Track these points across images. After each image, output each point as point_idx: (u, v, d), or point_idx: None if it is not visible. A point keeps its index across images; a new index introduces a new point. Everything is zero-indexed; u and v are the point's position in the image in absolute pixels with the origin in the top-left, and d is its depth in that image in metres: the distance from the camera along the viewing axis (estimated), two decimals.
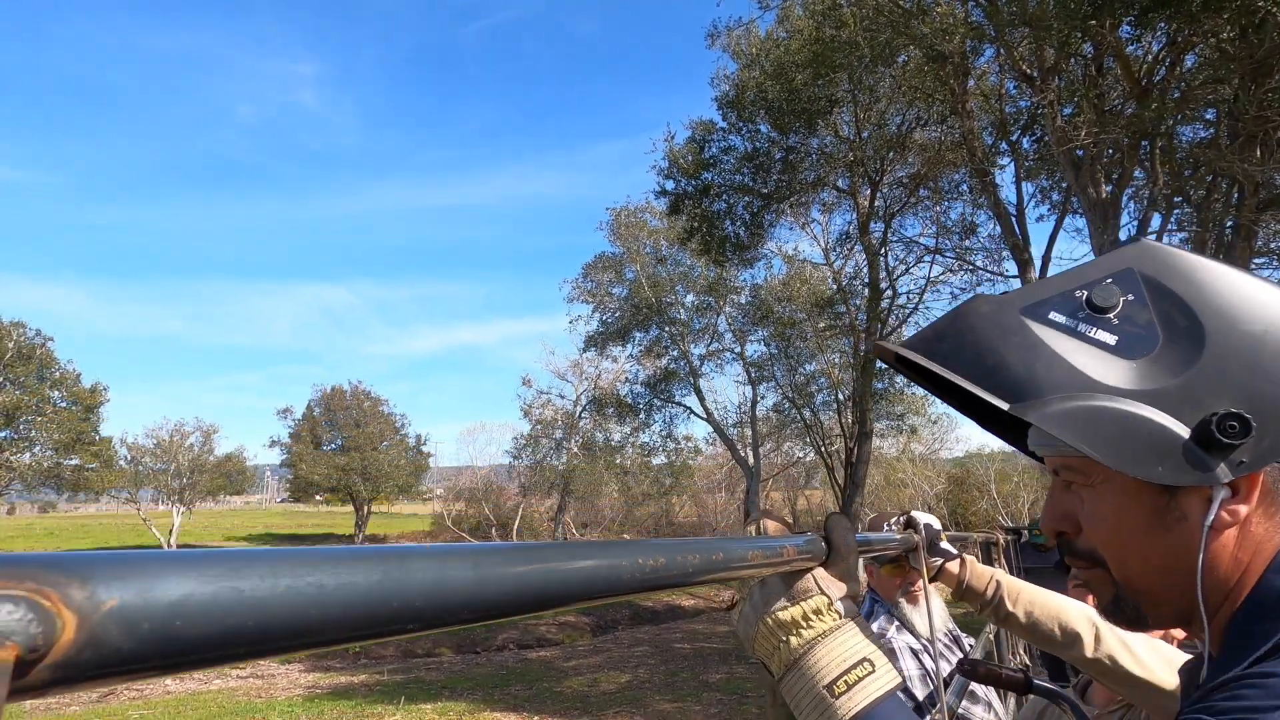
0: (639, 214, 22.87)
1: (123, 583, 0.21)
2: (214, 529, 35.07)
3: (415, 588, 0.28)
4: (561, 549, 0.38)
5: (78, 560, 0.21)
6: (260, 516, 47.86)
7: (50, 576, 0.19)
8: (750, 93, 13.44)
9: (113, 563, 0.21)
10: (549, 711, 7.01)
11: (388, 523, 38.77)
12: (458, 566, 0.30)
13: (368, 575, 0.26)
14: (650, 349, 23.04)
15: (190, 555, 0.23)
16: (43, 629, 0.18)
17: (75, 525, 37.11)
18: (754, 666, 8.91)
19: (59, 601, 0.19)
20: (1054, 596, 1.17)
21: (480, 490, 33.53)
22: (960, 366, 0.63)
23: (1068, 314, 0.61)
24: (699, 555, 0.50)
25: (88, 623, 0.19)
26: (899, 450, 27.61)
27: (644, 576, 0.43)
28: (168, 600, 0.21)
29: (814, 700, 0.64)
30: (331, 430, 31.62)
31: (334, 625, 0.25)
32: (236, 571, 0.23)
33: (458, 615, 0.30)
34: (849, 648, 0.65)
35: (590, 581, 0.38)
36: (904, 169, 14.97)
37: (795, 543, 0.73)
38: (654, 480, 27.09)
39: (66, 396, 23.81)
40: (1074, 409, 0.57)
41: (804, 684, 0.65)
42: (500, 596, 0.32)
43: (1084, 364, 0.58)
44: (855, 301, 17.31)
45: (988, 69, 11.58)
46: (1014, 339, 0.61)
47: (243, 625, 0.23)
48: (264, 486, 67.46)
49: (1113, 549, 0.61)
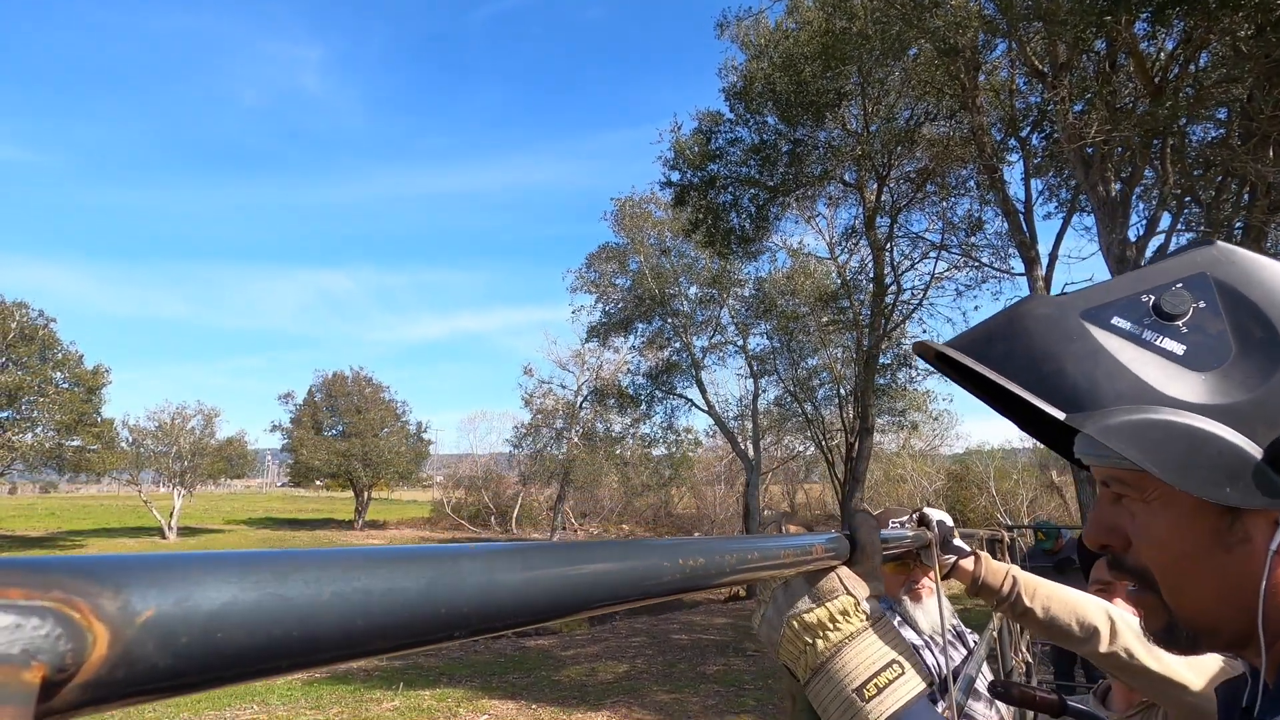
0: (644, 205, 22.78)
1: (159, 590, 0.19)
2: (214, 512, 35.20)
3: (464, 593, 0.26)
4: (606, 549, 0.36)
5: (109, 565, 0.19)
6: (260, 500, 48.04)
7: (80, 584, 0.17)
8: (758, 84, 13.35)
9: (147, 567, 0.19)
10: (547, 700, 7.04)
11: (387, 509, 38.90)
12: (506, 568, 0.28)
13: (416, 580, 0.24)
14: (652, 340, 23.01)
15: (228, 558, 0.21)
16: (72, 645, 0.16)
17: (76, 506, 37.26)
18: (751, 658, 8.94)
19: (90, 613, 0.17)
20: (1070, 591, 1.16)
21: (480, 478, 33.63)
22: (1014, 372, 0.59)
23: (1133, 320, 0.57)
24: (735, 554, 0.49)
25: (121, 637, 0.18)
26: (899, 446, 27.62)
27: (684, 577, 0.41)
28: (208, 609, 0.19)
29: (843, 704, 0.62)
30: (332, 416, 31.67)
31: (381, 634, 0.23)
32: (281, 576, 0.21)
33: (506, 620, 0.28)
34: (878, 650, 0.64)
35: (635, 582, 0.36)
36: (911, 164, 14.88)
37: (821, 541, 0.71)
38: (654, 471, 27.13)
39: (69, 378, 23.84)
40: (1138, 422, 0.53)
41: (833, 688, 0.64)
42: (548, 599, 0.30)
43: (1149, 375, 0.55)
44: (859, 296, 17.26)
45: (998, 64, 11.49)
46: (1074, 345, 0.57)
47: (288, 636, 0.21)
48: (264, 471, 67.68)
49: (1168, 570, 0.57)
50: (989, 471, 28.45)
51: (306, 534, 28.23)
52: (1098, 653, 1.06)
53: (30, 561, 0.17)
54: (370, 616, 0.23)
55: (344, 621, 0.22)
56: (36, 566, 0.17)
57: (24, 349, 22.51)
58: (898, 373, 18.00)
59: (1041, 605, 1.14)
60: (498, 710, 6.73)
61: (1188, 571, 0.56)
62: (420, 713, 6.67)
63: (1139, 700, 1.31)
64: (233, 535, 27.09)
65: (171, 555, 0.20)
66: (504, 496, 32.47)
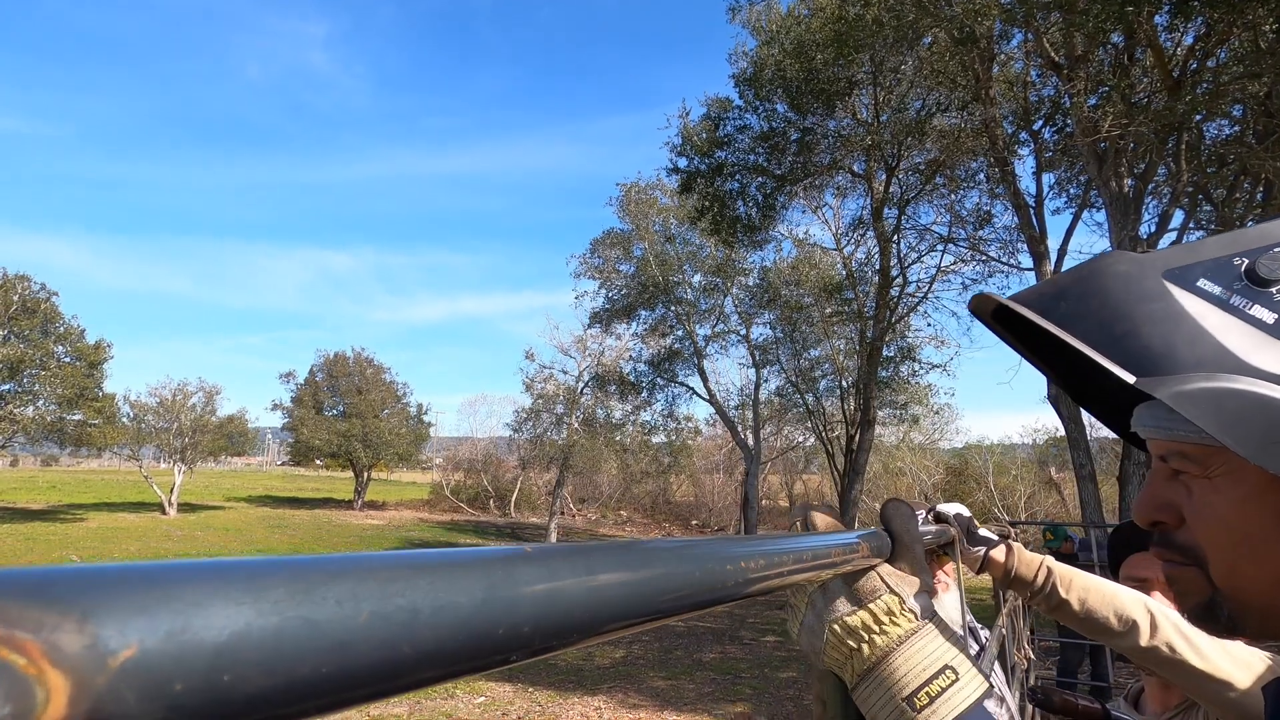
0: (649, 191, 22.64)
1: (146, 618, 0.13)
2: (214, 489, 35.34)
3: (523, 607, 0.21)
4: (667, 550, 0.31)
5: (70, 583, 0.13)
6: (260, 479, 48.21)
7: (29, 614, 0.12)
8: (769, 71, 13.19)
9: (126, 585, 0.13)
10: (543, 684, 7.06)
11: (387, 489, 39.04)
12: (569, 574, 0.23)
13: (470, 594, 0.19)
14: (655, 328, 22.96)
15: (235, 569, 0.16)
16: (11, 708, 0.11)
17: (77, 480, 37.41)
18: (747, 647, 8.96)
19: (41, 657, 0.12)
20: (1106, 583, 1.11)
21: (479, 461, 33.70)
22: (1083, 330, 0.55)
23: (1222, 284, 0.52)
24: (791, 554, 0.44)
25: (88, 689, 0.12)
26: (899, 439, 27.63)
27: (745, 581, 0.36)
28: (213, 643, 0.14)
29: (894, 713, 0.59)
30: (333, 396, 31.69)
31: (430, 663, 0.18)
32: (305, 593, 0.16)
33: (568, 639, 0.23)
34: (929, 654, 0.60)
35: (701, 588, 0.31)
36: (921, 155, 14.74)
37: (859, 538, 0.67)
38: (653, 459, 27.17)
39: (70, 352, 23.83)
40: (1216, 391, 0.49)
41: (881, 695, 0.60)
42: (612, 611, 0.25)
43: (1234, 342, 0.50)
44: (864, 288, 17.17)
45: (1014, 55, 11.34)
46: (1153, 305, 0.53)
47: (316, 674, 0.16)
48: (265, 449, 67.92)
49: (1223, 549, 0.54)
50: (988, 466, 28.49)
51: (306, 513, 28.34)
52: (1138, 647, 1.02)
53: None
54: (418, 643, 0.18)
55: (386, 649, 0.17)
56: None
57: (26, 322, 22.50)
58: (900, 366, 17.96)
59: (1078, 597, 1.09)
60: (495, 692, 6.75)
61: (1248, 553, 0.53)
62: (416, 693, 6.70)
63: (1175, 703, 1.27)
64: (233, 512, 27.20)
65: (158, 566, 0.15)
66: (503, 480, 32.56)
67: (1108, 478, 17.35)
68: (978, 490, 27.74)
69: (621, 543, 0.28)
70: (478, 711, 6.14)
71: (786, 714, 6.11)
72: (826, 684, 0.74)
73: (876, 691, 0.60)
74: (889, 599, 0.62)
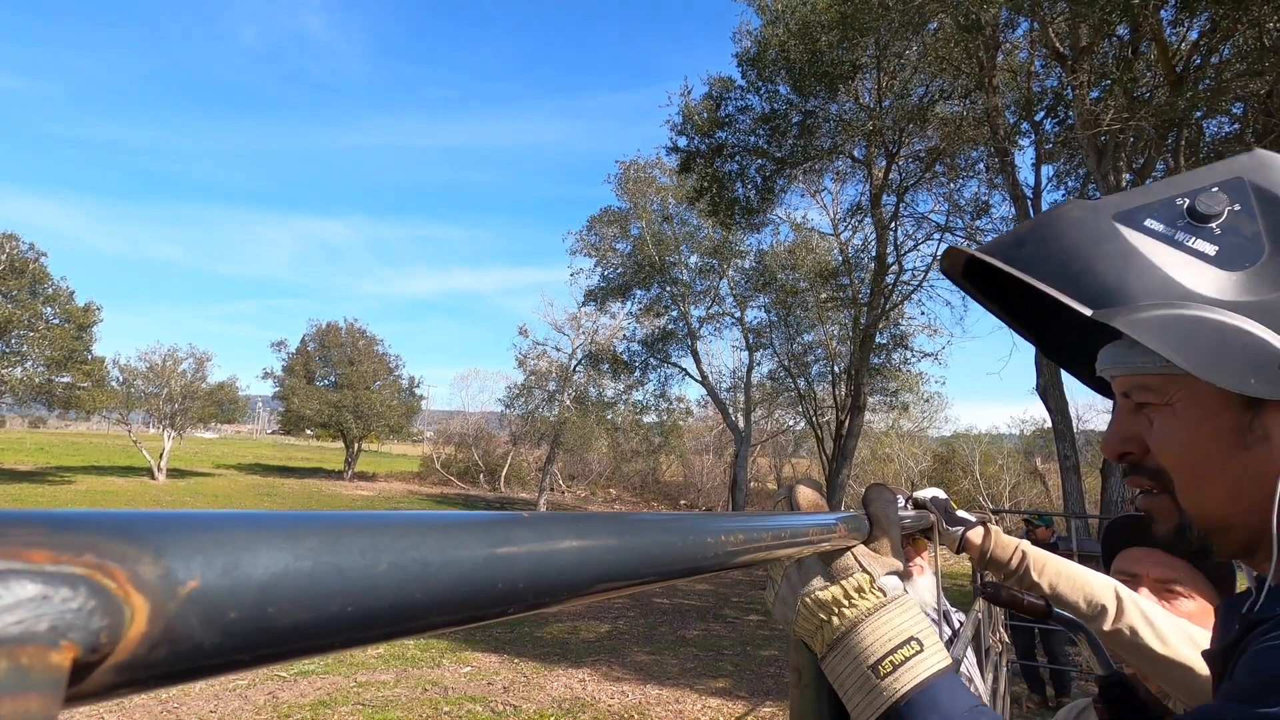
0: (648, 169, 22.48)
1: (204, 557, 0.16)
2: (204, 456, 35.31)
3: (519, 565, 0.24)
4: (655, 522, 0.33)
5: (146, 524, 0.15)
6: (251, 447, 48.17)
7: (115, 547, 0.14)
8: (772, 51, 13.06)
9: (188, 528, 0.16)
10: (529, 656, 7.17)
11: (377, 461, 39.12)
12: (561, 538, 0.26)
13: (473, 551, 0.22)
14: (650, 308, 22.93)
15: (272, 520, 0.18)
16: (108, 621, 0.14)
17: (65, 442, 37.28)
18: (730, 624, 9.11)
19: (127, 583, 0.14)
20: (1079, 569, 1.15)
21: (471, 436, 33.78)
22: (1042, 271, 0.60)
23: (1166, 222, 0.58)
24: (770, 532, 0.47)
25: (163, 611, 0.15)
26: (888, 426, 27.84)
27: (726, 554, 0.39)
28: (259, 580, 0.17)
29: (858, 680, 0.61)
30: (325, 366, 31.59)
31: (439, 609, 0.21)
32: (334, 544, 0.19)
33: (559, 595, 0.26)
34: (894, 626, 0.62)
35: (683, 557, 0.34)
36: (922, 142, 14.68)
37: (839, 519, 0.69)
38: (644, 438, 27.30)
39: (59, 314, 23.61)
40: (1166, 316, 0.54)
41: (847, 664, 0.62)
42: (600, 573, 0.28)
43: (1180, 273, 0.56)
44: (859, 274, 17.19)
45: (1018, 44, 11.26)
46: (1105, 245, 0.58)
47: (343, 612, 0.18)
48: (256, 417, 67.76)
49: (1184, 470, 0.59)
50: (974, 455, 28.79)
51: (296, 482, 28.39)
52: (1103, 630, 1.07)
53: (54, 516, 0.14)
54: (430, 590, 0.21)
55: (402, 595, 0.20)
56: (64, 522, 0.14)
57: (14, 282, 22.25)
58: (893, 353, 18.04)
59: (1049, 581, 1.14)
60: (481, 662, 6.86)
61: (1205, 471, 0.58)
62: (404, 661, 6.79)
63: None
64: (222, 479, 27.21)
65: (212, 515, 0.17)
66: (494, 455, 32.67)
67: (1091, 470, 17.59)
68: (964, 479, 28.06)
69: (611, 513, 0.31)
70: (464, 680, 6.24)
71: (766, 689, 6.24)
72: (801, 656, 0.77)
73: (844, 660, 0.62)
74: (860, 577, 0.64)
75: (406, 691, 5.88)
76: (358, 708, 5.44)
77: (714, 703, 5.83)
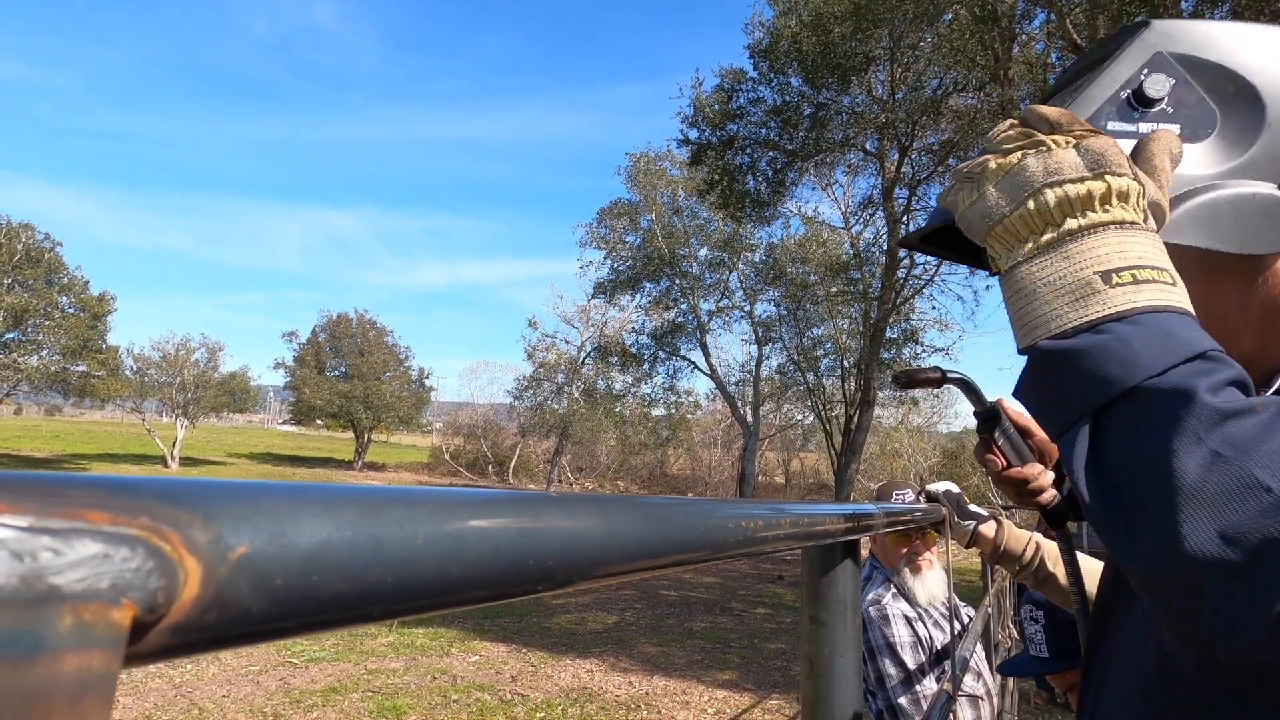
0: (659, 162, 22.41)
1: (251, 524, 0.16)
2: (216, 444, 35.66)
3: (549, 544, 0.24)
4: (677, 505, 0.33)
5: (196, 491, 0.16)
6: (262, 436, 48.61)
7: (169, 511, 0.15)
8: (784, 42, 12.95)
9: (235, 496, 0.16)
10: (537, 646, 7.21)
11: (386, 452, 39.38)
12: (588, 519, 0.26)
13: (506, 528, 0.22)
14: (659, 300, 22.91)
15: (312, 490, 0.19)
16: (164, 583, 0.14)
17: (80, 430, 37.75)
18: (738, 618, 9.12)
19: (181, 546, 0.14)
20: (1091, 560, 1.15)
21: (479, 427, 33.94)
22: None
23: (1125, 119, 0.57)
24: (789, 519, 0.47)
25: (214, 575, 0.15)
26: (898, 420, 27.74)
27: (745, 539, 0.39)
28: (305, 548, 0.17)
29: (1075, 286, 0.47)
30: (335, 357, 31.80)
31: (474, 584, 0.21)
32: (373, 515, 0.19)
33: (586, 575, 0.26)
34: (1152, 249, 0.48)
35: (700, 542, 0.34)
36: (935, 135, 14.55)
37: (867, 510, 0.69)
38: (652, 431, 27.34)
39: (74, 303, 23.86)
40: (1187, 210, 0.54)
41: (1064, 267, 0.47)
42: (625, 554, 0.28)
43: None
44: (870, 268, 17.09)
45: (1035, 35, 11.12)
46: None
47: (382, 582, 0.19)
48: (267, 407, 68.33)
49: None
50: None
51: (307, 471, 28.65)
52: None
53: (110, 480, 0.14)
54: (464, 565, 0.21)
55: (438, 569, 0.20)
56: (120, 487, 0.14)
57: (30, 271, 22.49)
58: (903, 348, 17.94)
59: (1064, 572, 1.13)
60: (489, 652, 6.91)
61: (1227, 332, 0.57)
62: (414, 650, 6.85)
63: None
64: (234, 468, 27.49)
65: (253, 484, 0.18)
66: (502, 447, 32.81)
67: None
68: (974, 474, 27.92)
69: (634, 496, 0.31)
70: (472, 669, 6.29)
71: (773, 682, 6.26)
72: (813, 646, 0.77)
73: (1058, 264, 0.48)
74: (1129, 182, 0.49)
75: (416, 679, 5.93)
76: (368, 694, 5.50)
77: (721, 694, 5.85)
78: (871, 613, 2.05)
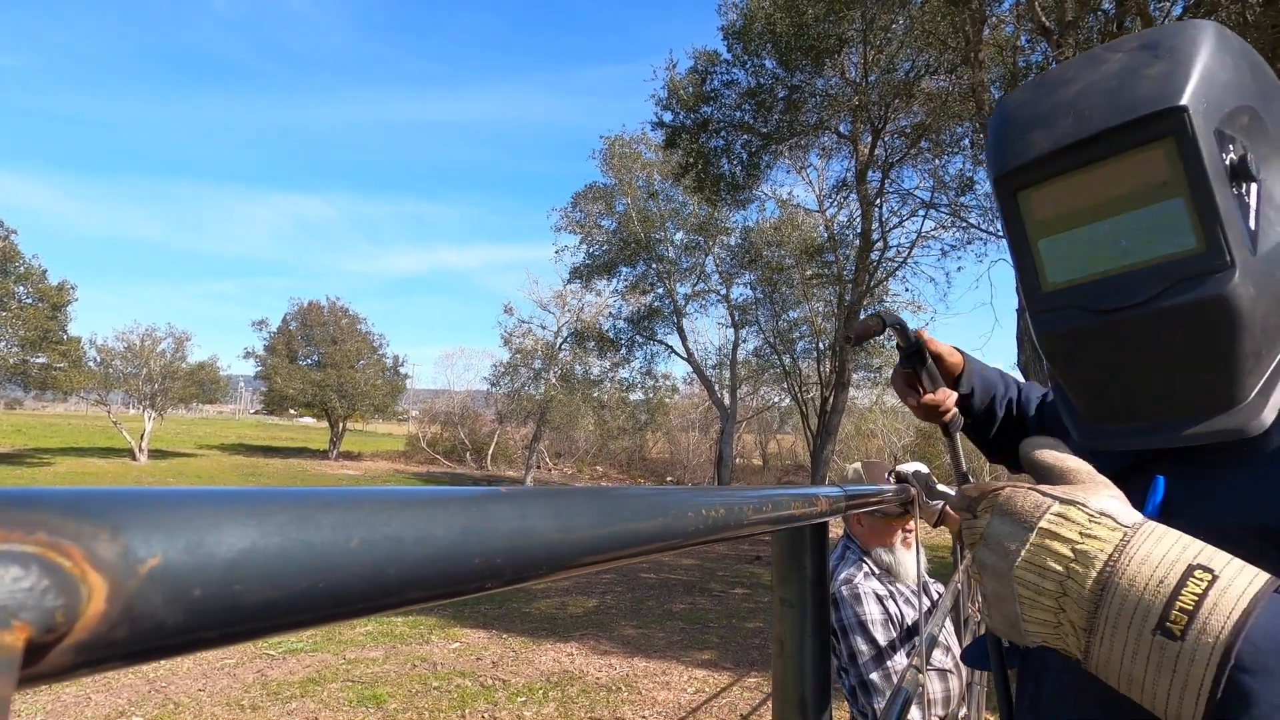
0: (633, 145, 22.26)
1: (165, 534, 0.15)
2: (186, 436, 34.98)
3: (497, 541, 0.24)
4: (636, 495, 0.33)
5: (103, 501, 0.15)
6: (233, 427, 47.76)
7: (70, 525, 0.14)
8: (758, 24, 12.90)
9: (149, 505, 0.15)
10: (517, 631, 7.24)
11: (362, 441, 38.96)
12: (539, 515, 0.26)
13: (449, 527, 0.22)
14: (635, 285, 22.86)
15: (240, 496, 0.18)
16: (63, 601, 0.13)
17: (43, 424, 36.74)
18: (716, 598, 9.24)
19: (83, 561, 0.14)
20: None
21: (456, 414, 33.71)
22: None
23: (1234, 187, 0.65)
24: (751, 505, 0.47)
25: (122, 590, 0.14)
26: (872, 401, 28.12)
27: (707, 527, 0.39)
28: (225, 557, 0.16)
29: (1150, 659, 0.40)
30: (307, 345, 31.27)
31: (413, 585, 0.21)
32: (304, 520, 0.18)
33: (539, 570, 0.26)
34: (1159, 560, 0.42)
35: (663, 531, 0.34)
36: (908, 118, 14.63)
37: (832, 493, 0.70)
38: (630, 416, 27.39)
39: (32, 293, 23.10)
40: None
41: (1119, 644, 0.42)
42: (580, 548, 0.28)
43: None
44: (845, 251, 17.22)
45: (1005, 18, 11.21)
46: None
47: (314, 588, 0.18)
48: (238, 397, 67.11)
49: None
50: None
51: (280, 461, 28.24)
52: None
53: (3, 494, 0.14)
54: (402, 566, 0.20)
55: (375, 571, 0.20)
56: (13, 501, 0.14)
57: None
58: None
59: None
60: (469, 639, 6.91)
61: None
62: (393, 638, 6.83)
63: None
64: (205, 460, 27.00)
65: (173, 491, 0.17)
66: (480, 434, 32.65)
67: None
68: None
69: (591, 488, 0.31)
70: (452, 656, 6.29)
71: (752, 660, 6.36)
72: (783, 626, 0.78)
73: (1113, 642, 0.42)
74: (1069, 510, 0.44)
75: (395, 667, 5.92)
76: (347, 684, 5.48)
77: (700, 674, 5.94)
78: (844, 591, 2.08)
